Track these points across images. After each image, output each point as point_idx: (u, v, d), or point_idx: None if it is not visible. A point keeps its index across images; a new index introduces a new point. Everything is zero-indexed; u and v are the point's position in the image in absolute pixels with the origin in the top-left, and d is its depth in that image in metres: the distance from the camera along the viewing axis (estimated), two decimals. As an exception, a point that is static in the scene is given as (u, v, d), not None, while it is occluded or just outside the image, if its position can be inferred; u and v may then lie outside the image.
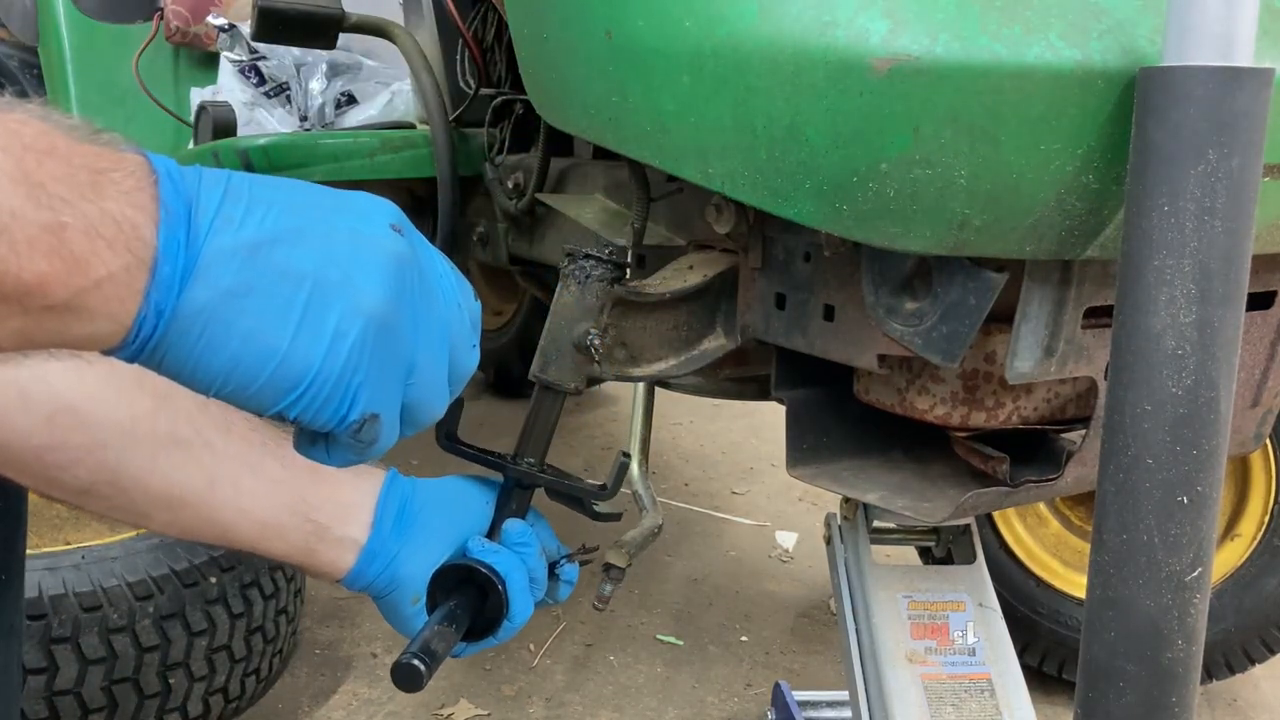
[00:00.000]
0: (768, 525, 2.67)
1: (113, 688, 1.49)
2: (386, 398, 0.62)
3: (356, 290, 0.58)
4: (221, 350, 0.56)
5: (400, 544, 0.87)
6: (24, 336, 0.51)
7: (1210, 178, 0.71)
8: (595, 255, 0.99)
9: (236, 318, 0.55)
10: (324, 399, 0.58)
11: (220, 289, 0.55)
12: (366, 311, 0.58)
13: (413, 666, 0.78)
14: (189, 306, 0.54)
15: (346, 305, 0.58)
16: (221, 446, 0.81)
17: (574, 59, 0.99)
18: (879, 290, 0.95)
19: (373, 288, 0.59)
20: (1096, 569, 0.78)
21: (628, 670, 2.00)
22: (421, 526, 0.89)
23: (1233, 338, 0.74)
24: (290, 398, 0.58)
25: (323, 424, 0.60)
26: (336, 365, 0.58)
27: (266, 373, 0.56)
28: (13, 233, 0.47)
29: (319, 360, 0.57)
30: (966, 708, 1.16)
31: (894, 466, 1.17)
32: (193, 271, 0.54)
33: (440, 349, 0.65)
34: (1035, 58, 0.76)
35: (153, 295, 0.53)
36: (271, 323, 0.56)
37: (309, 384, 0.57)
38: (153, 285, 0.53)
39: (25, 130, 0.49)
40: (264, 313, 0.56)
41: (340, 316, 0.58)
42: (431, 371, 0.65)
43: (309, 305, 0.57)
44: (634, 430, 1.34)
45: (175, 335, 0.55)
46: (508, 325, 3.38)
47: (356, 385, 0.59)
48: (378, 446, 0.64)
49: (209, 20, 2.34)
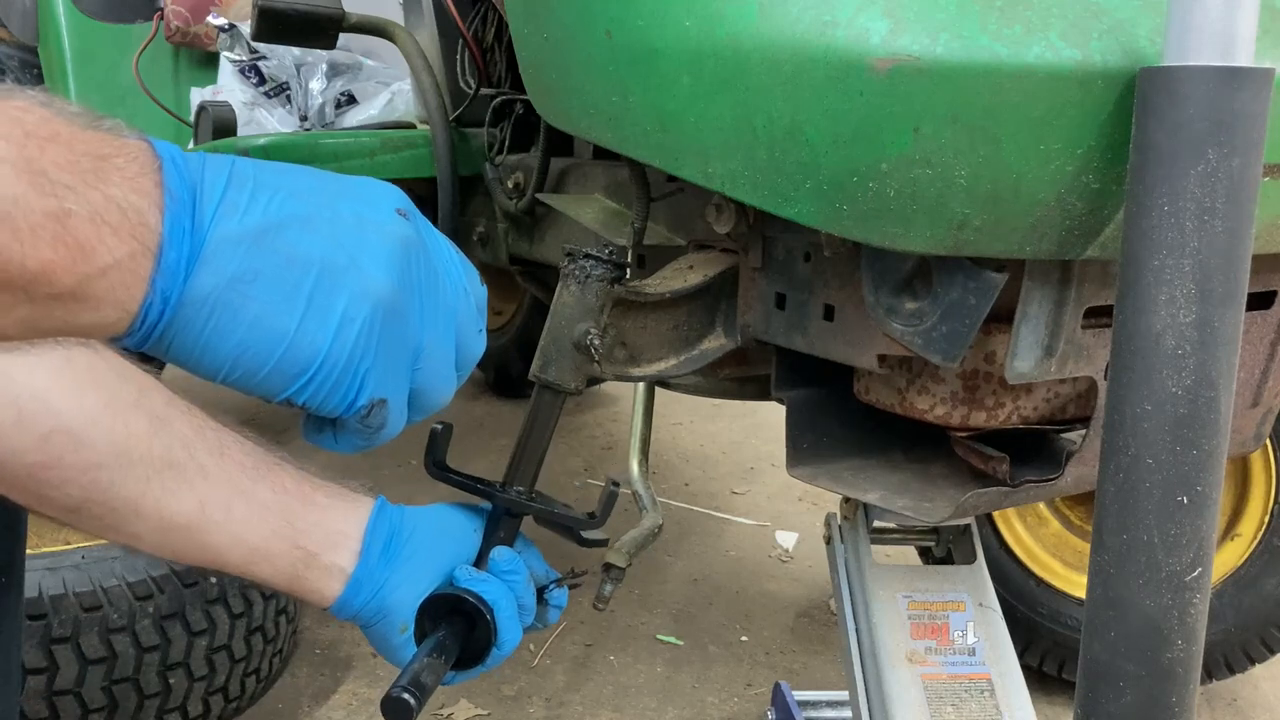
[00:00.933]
0: (768, 525, 2.67)
1: (113, 688, 1.49)
2: (394, 382, 0.61)
3: (363, 275, 0.58)
4: (229, 336, 0.56)
5: (388, 573, 0.86)
6: (30, 325, 0.51)
7: (1210, 178, 0.71)
8: (595, 255, 0.99)
9: (243, 303, 0.55)
10: (332, 384, 0.58)
11: (226, 275, 0.55)
12: (374, 296, 0.58)
13: (403, 700, 0.78)
14: (195, 293, 0.54)
15: (353, 290, 0.58)
16: (214, 470, 0.80)
17: (574, 59, 0.99)
18: (879, 290, 0.95)
19: (379, 272, 0.59)
20: (1096, 569, 0.78)
21: (628, 670, 2.00)
22: (409, 555, 0.88)
23: (1233, 338, 0.74)
24: (299, 383, 0.58)
25: (331, 409, 0.60)
26: (344, 350, 0.58)
27: (274, 358, 0.57)
28: (16, 220, 0.47)
29: (327, 345, 0.57)
30: (966, 708, 1.16)
31: (894, 466, 1.17)
32: (198, 257, 0.54)
33: (447, 333, 0.65)
34: (1035, 58, 0.76)
35: (159, 282, 0.53)
36: (278, 308, 0.56)
37: (317, 369, 0.57)
38: (158, 272, 0.53)
39: (27, 117, 0.49)
40: (271, 298, 0.56)
41: (347, 301, 0.58)
42: (438, 356, 0.65)
43: (316, 290, 0.57)
44: (634, 430, 1.34)
45: (182, 322, 0.55)
46: (508, 325, 3.38)
47: (364, 370, 0.59)
48: (386, 432, 0.64)
49: (209, 20, 2.34)
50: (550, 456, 0.99)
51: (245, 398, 0.64)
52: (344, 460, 2.92)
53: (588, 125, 1.02)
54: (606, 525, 1.00)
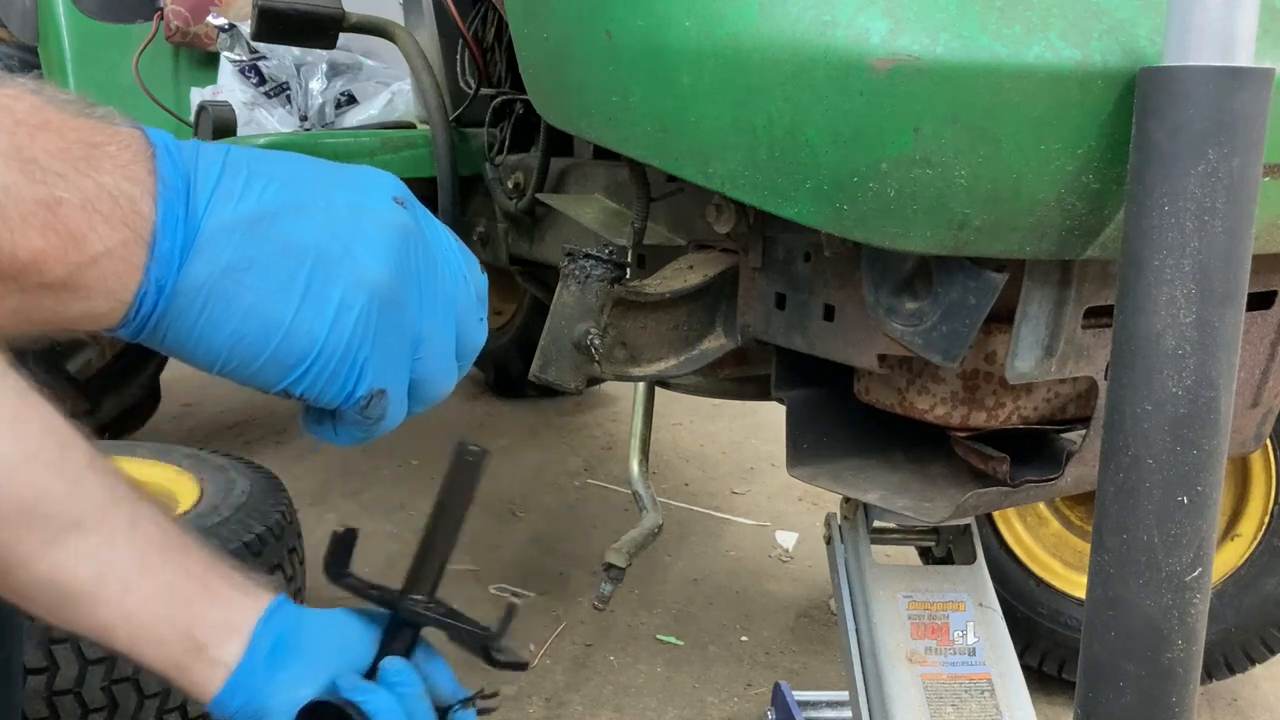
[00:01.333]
0: (768, 525, 2.67)
1: (113, 688, 1.48)
2: (394, 372, 0.61)
3: (359, 264, 0.57)
4: (224, 326, 0.55)
5: (270, 675, 0.80)
6: (21, 315, 0.51)
7: (1210, 178, 0.71)
8: (595, 255, 0.99)
9: (238, 293, 0.54)
10: (330, 374, 0.57)
11: (221, 263, 0.54)
12: (370, 285, 0.58)
13: None
14: (190, 282, 0.53)
15: (350, 279, 0.57)
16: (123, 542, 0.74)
17: (574, 59, 0.99)
18: (879, 290, 0.95)
19: (376, 261, 0.58)
20: (1096, 569, 0.78)
21: (628, 670, 2.00)
22: (296, 658, 0.81)
23: (1233, 338, 0.74)
24: (295, 374, 0.57)
25: (329, 400, 0.59)
26: (342, 339, 0.57)
27: (270, 348, 0.56)
28: (6, 209, 0.47)
29: (324, 334, 0.56)
30: (966, 708, 1.16)
31: (894, 466, 1.17)
32: (192, 246, 0.53)
33: (447, 322, 0.64)
34: (1035, 58, 0.76)
35: (153, 271, 0.52)
36: (274, 297, 0.55)
37: (314, 359, 0.57)
38: (153, 260, 0.52)
39: (18, 105, 0.49)
40: (266, 287, 0.55)
41: (344, 290, 0.57)
42: (439, 345, 0.64)
43: (311, 279, 0.56)
44: (634, 430, 1.34)
45: (176, 312, 0.54)
46: (508, 325, 3.38)
47: (363, 360, 0.58)
48: (386, 423, 0.63)
49: (209, 20, 2.34)
50: (550, 457, 0.99)
51: (243, 391, 0.64)
52: (344, 459, 2.93)
53: (588, 125, 1.02)
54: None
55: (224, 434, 3.17)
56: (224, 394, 3.43)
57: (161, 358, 2.68)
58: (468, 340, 0.67)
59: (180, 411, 3.29)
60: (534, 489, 2.77)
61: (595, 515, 2.63)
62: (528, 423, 3.30)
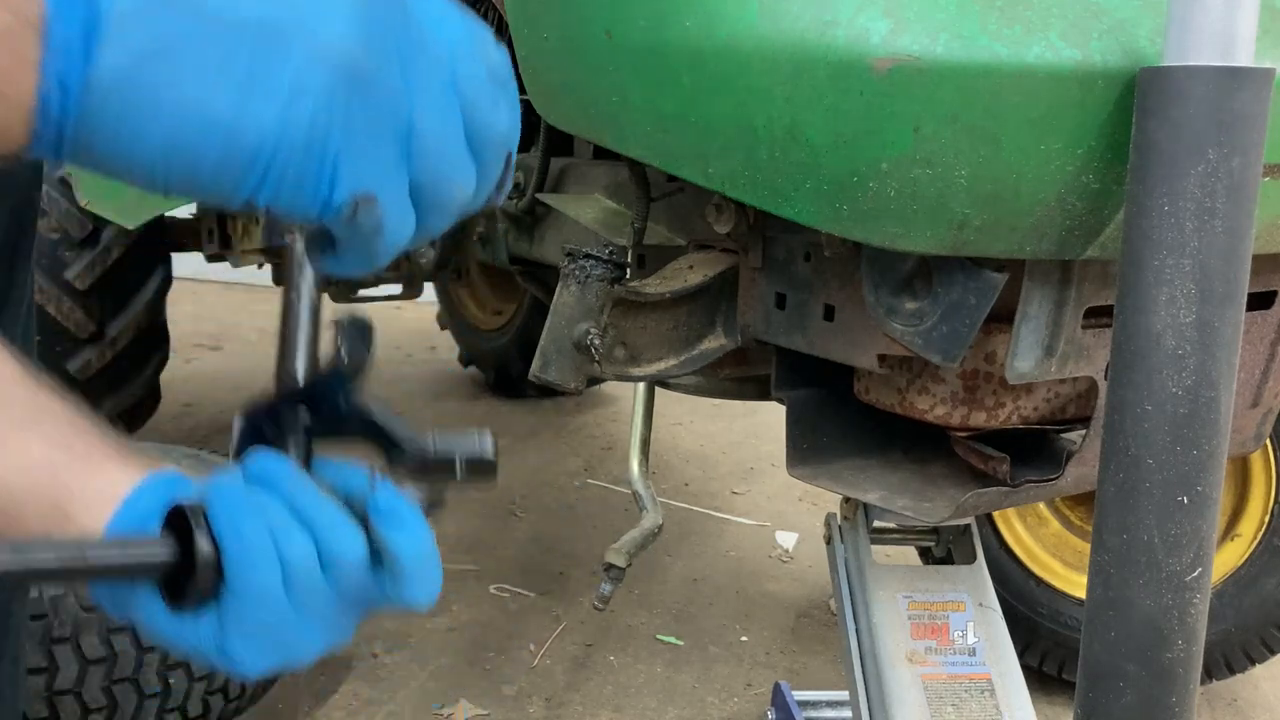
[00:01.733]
0: (768, 525, 2.67)
1: (113, 688, 1.49)
2: (379, 169, 0.49)
3: (313, 35, 0.46)
4: (153, 127, 0.45)
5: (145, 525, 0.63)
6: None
7: (1210, 178, 0.71)
8: (595, 255, 0.99)
9: (166, 84, 0.44)
10: (295, 176, 0.47)
11: (137, 49, 0.44)
12: (331, 59, 0.46)
13: None
14: (102, 76, 0.44)
15: (303, 53, 0.46)
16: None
17: (574, 59, 0.99)
18: (879, 290, 0.95)
19: (335, 30, 0.47)
20: (1096, 569, 0.78)
21: (628, 670, 2.00)
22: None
23: (1233, 338, 0.74)
24: (252, 179, 0.46)
25: (305, 210, 0.48)
26: (300, 129, 0.46)
27: (215, 149, 0.46)
28: None
29: (275, 125, 0.46)
30: (966, 708, 1.16)
31: (894, 466, 1.17)
32: (97, 30, 0.43)
33: (446, 104, 0.52)
34: (1035, 58, 0.76)
35: (50, 64, 0.43)
36: (209, 85, 0.45)
37: (270, 157, 0.46)
38: (48, 52, 0.43)
39: None
40: (198, 74, 0.45)
41: (297, 68, 0.46)
42: (438, 133, 0.52)
43: (254, 58, 0.45)
44: (634, 430, 1.34)
45: (94, 117, 0.44)
46: (508, 325, 3.38)
47: (333, 153, 0.47)
48: (387, 238, 0.50)
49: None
50: (550, 457, 0.99)
51: (243, 393, 0.60)
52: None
53: (588, 125, 1.02)
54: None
55: (224, 434, 3.16)
56: (224, 394, 3.44)
57: (161, 358, 2.67)
58: (485, 127, 0.55)
59: (180, 411, 3.29)
60: (534, 489, 2.77)
61: (595, 515, 2.63)
62: (528, 423, 3.30)
